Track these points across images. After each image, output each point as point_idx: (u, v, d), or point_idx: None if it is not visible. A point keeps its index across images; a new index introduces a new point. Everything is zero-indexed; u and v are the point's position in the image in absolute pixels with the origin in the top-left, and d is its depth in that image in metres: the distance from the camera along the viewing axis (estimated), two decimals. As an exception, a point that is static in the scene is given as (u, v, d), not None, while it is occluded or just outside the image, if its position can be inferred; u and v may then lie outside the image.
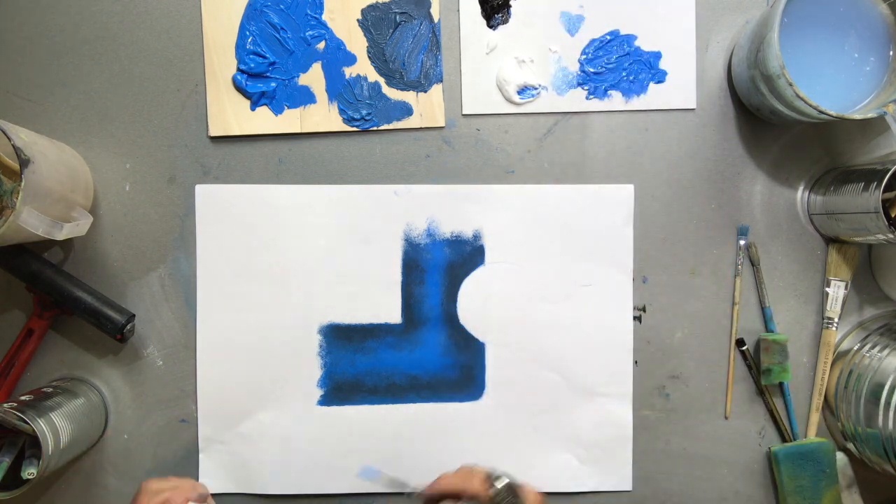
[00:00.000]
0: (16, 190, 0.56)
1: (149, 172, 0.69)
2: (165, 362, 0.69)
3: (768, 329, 0.70)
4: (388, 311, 0.69)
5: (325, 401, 0.69)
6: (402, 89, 0.69)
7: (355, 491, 0.69)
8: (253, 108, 0.68)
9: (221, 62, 0.68)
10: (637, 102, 0.69)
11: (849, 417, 0.66)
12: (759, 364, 0.69)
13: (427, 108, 0.69)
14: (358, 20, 0.68)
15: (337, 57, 0.68)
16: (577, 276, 0.69)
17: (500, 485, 0.52)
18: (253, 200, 0.68)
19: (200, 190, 0.68)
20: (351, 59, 0.68)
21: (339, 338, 0.69)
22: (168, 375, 0.69)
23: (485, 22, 0.69)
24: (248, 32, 0.68)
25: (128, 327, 0.66)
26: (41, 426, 0.58)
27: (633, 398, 0.69)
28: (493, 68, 0.69)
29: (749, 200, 0.70)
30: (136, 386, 0.69)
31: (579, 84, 0.69)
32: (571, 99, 0.69)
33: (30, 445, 0.61)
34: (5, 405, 0.59)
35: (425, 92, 0.69)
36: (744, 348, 0.69)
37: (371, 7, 0.68)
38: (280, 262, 0.68)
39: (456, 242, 0.69)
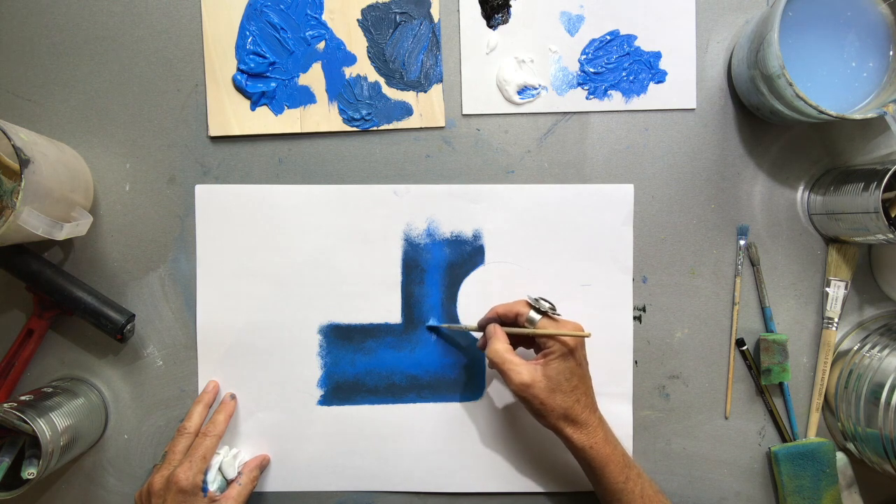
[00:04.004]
0: (16, 190, 0.56)
1: (149, 172, 0.69)
2: (165, 362, 0.69)
3: (768, 329, 0.70)
4: (388, 311, 0.69)
5: (325, 401, 0.69)
6: (402, 89, 0.69)
7: (355, 490, 0.69)
8: (253, 108, 0.68)
9: (221, 62, 0.68)
10: (637, 102, 0.69)
11: (849, 417, 0.66)
12: (759, 364, 0.69)
13: (427, 108, 0.69)
14: (358, 20, 0.68)
15: (337, 57, 0.68)
16: (577, 275, 0.69)
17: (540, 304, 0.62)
18: (253, 200, 0.69)
19: (200, 190, 0.68)
20: (351, 59, 0.68)
21: (339, 338, 0.69)
22: (168, 375, 0.69)
23: (485, 22, 0.69)
24: (248, 32, 0.68)
25: (128, 327, 0.66)
26: (41, 426, 0.58)
27: (633, 398, 0.69)
28: (493, 68, 0.69)
29: (749, 200, 0.70)
30: (136, 386, 0.69)
31: (579, 84, 0.69)
32: (571, 99, 0.69)
33: (30, 445, 0.61)
34: (5, 405, 0.59)
35: (425, 92, 0.69)
36: (744, 348, 0.69)
37: (371, 7, 0.68)
38: (280, 262, 0.69)
39: (456, 242, 0.69)
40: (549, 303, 0.61)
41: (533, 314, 0.61)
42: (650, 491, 0.61)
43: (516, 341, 0.64)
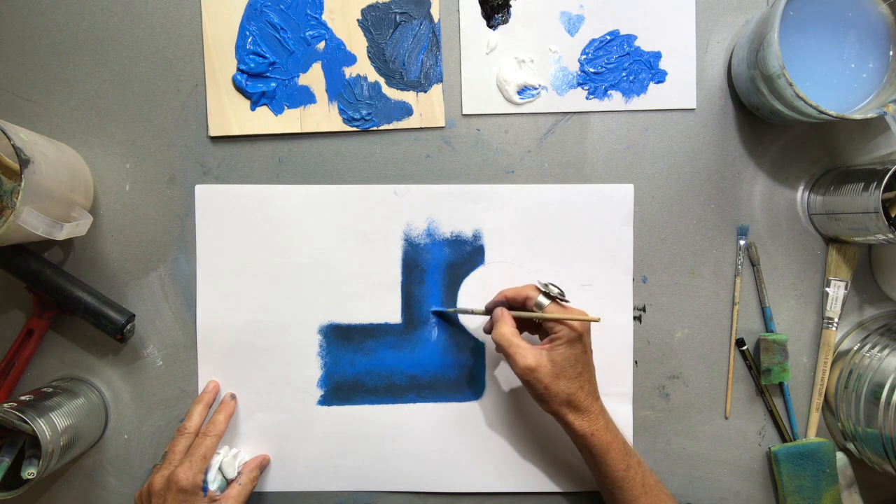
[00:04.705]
0: (16, 190, 0.56)
1: (149, 172, 0.69)
2: (165, 362, 0.69)
3: (768, 329, 0.70)
4: (388, 311, 0.69)
5: (325, 401, 0.69)
6: (402, 89, 0.69)
7: (355, 490, 0.69)
8: (253, 108, 0.68)
9: (221, 62, 0.68)
10: (637, 102, 0.69)
11: (849, 417, 0.66)
12: (759, 364, 0.69)
13: (427, 108, 0.69)
14: (358, 20, 0.68)
15: (337, 57, 0.68)
16: (577, 275, 0.69)
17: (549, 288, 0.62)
18: (253, 200, 0.69)
19: (200, 190, 0.68)
20: (351, 59, 0.68)
21: (339, 338, 0.69)
22: (168, 375, 0.69)
23: (485, 22, 0.69)
24: (248, 32, 0.68)
25: (128, 327, 0.66)
26: (41, 426, 0.58)
27: (633, 398, 0.69)
28: (493, 68, 0.69)
29: (749, 200, 0.70)
30: (136, 386, 0.69)
31: (579, 84, 0.69)
32: (571, 99, 0.69)
33: (30, 445, 0.62)
34: (5, 405, 0.59)
35: (425, 92, 0.69)
36: (744, 348, 0.69)
37: (371, 7, 0.68)
38: (280, 262, 0.69)
39: (456, 242, 0.69)
40: (559, 288, 0.61)
41: (542, 299, 0.61)
42: (650, 480, 0.61)
43: (522, 326, 0.64)
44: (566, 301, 0.61)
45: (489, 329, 0.65)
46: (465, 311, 0.68)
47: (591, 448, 0.60)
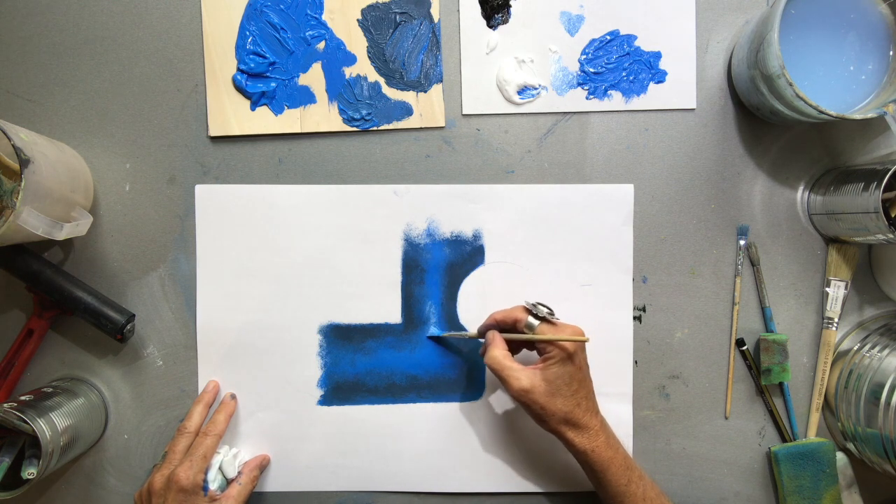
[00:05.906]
0: (16, 190, 0.56)
1: (149, 172, 0.69)
2: (165, 362, 0.69)
3: (768, 329, 0.70)
4: (388, 311, 0.69)
5: (325, 401, 0.69)
6: (402, 89, 0.69)
7: (355, 490, 0.69)
8: (253, 108, 0.68)
9: (221, 62, 0.68)
10: (637, 102, 0.69)
11: (849, 417, 0.66)
12: (759, 364, 0.69)
13: (427, 108, 0.69)
14: (358, 20, 0.68)
15: (337, 57, 0.68)
16: (577, 275, 0.69)
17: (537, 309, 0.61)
18: (253, 200, 0.69)
19: (200, 190, 0.68)
20: (351, 59, 0.68)
21: (339, 338, 0.69)
22: (168, 375, 0.69)
23: (485, 22, 0.69)
24: (248, 32, 0.68)
25: (128, 327, 0.66)
26: (41, 426, 0.58)
27: (633, 398, 0.69)
28: (493, 68, 0.69)
29: (749, 200, 0.70)
30: (136, 386, 0.69)
31: (579, 84, 0.69)
32: (571, 99, 0.69)
33: (30, 445, 0.62)
34: (5, 405, 0.59)
35: (425, 92, 0.69)
36: (744, 348, 0.69)
37: (371, 7, 0.68)
38: (280, 262, 0.69)
39: (456, 242, 0.69)
40: (547, 307, 0.61)
41: (531, 319, 0.61)
42: (652, 493, 0.61)
43: (519, 346, 0.64)
44: (556, 319, 0.61)
45: (485, 353, 0.65)
46: (460, 336, 0.68)
47: (591, 464, 0.60)
